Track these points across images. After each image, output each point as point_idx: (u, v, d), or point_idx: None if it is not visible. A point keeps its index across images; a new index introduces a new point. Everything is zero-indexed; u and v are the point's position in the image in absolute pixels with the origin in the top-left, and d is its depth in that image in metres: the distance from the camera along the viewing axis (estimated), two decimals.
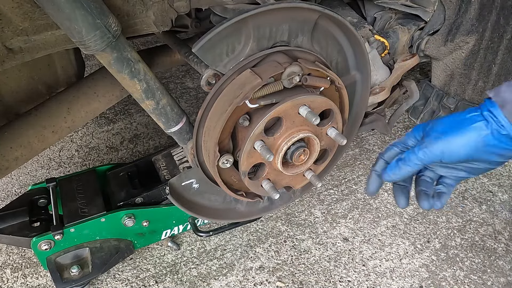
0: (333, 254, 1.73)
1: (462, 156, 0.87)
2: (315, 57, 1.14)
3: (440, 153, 0.88)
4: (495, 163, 0.89)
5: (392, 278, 1.65)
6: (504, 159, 0.87)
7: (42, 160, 2.15)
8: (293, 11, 1.05)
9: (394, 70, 1.47)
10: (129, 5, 1.02)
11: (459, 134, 0.86)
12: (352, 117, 1.38)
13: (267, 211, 1.49)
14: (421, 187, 0.99)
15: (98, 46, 0.93)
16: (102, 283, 1.61)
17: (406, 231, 1.84)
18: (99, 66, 1.23)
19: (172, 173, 1.58)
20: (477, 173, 0.94)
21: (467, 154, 0.86)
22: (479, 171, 0.93)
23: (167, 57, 1.52)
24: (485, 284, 1.65)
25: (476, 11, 1.37)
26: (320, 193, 1.99)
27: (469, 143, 0.85)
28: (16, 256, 1.70)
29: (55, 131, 1.23)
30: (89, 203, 1.48)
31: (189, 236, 1.78)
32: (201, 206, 1.35)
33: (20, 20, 0.91)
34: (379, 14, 1.54)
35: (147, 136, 2.31)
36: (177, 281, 1.62)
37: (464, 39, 1.42)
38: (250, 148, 1.07)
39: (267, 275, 1.65)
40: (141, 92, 1.08)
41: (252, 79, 1.02)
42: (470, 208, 1.95)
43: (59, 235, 1.38)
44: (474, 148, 0.85)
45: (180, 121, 1.18)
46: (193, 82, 2.72)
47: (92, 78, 1.32)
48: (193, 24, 1.41)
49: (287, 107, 1.05)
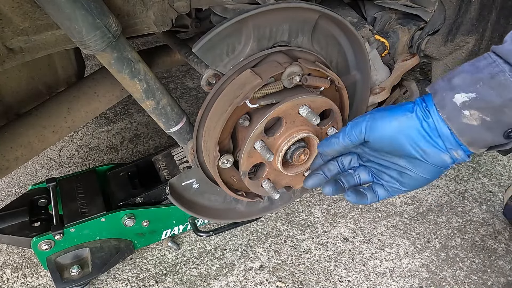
0: (333, 254, 1.73)
1: (385, 134, 0.84)
2: (315, 57, 1.14)
3: (365, 127, 0.86)
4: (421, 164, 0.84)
5: (392, 278, 1.65)
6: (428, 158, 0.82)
7: (42, 160, 2.15)
8: (293, 11, 1.05)
9: (394, 70, 1.47)
10: (129, 5, 1.02)
11: (387, 112, 0.85)
12: (352, 117, 1.39)
13: (267, 211, 1.49)
14: (341, 177, 0.96)
15: (98, 46, 0.93)
16: (102, 283, 1.61)
17: (406, 231, 1.84)
18: (99, 66, 1.23)
19: (172, 173, 1.58)
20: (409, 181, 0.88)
21: (390, 134, 0.84)
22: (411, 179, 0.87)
23: (167, 57, 1.52)
24: (485, 284, 1.65)
25: (476, 11, 1.37)
26: (320, 193, 1.99)
27: (392, 122, 0.83)
28: (16, 256, 1.70)
29: (55, 131, 1.23)
30: (89, 203, 1.48)
31: (189, 236, 1.78)
32: (201, 206, 1.35)
33: (21, 20, 0.91)
34: (379, 14, 1.54)
35: (147, 136, 2.31)
36: (177, 281, 1.62)
37: (464, 39, 1.42)
38: (250, 148, 1.07)
39: (267, 275, 1.65)
40: (141, 92, 1.08)
41: (252, 79, 1.02)
42: (470, 208, 1.95)
43: (59, 235, 1.38)
44: (397, 128, 0.83)
45: (180, 121, 1.18)
46: (193, 82, 2.72)
47: (93, 78, 1.32)
48: (193, 24, 1.41)
49: (287, 107, 1.05)
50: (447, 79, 0.78)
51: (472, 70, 0.75)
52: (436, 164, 0.83)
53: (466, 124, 0.76)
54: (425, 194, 2.01)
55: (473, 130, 0.76)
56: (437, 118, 0.80)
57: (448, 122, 0.78)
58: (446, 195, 2.01)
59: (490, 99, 0.72)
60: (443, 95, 0.78)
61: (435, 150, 0.81)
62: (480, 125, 0.75)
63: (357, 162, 0.98)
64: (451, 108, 0.77)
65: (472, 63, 0.76)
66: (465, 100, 0.74)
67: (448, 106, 0.77)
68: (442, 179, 2.09)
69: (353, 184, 0.97)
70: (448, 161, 0.82)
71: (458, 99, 0.75)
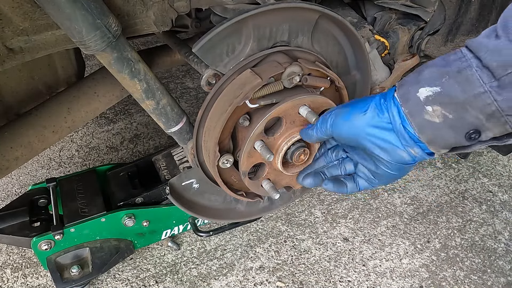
0: (333, 254, 1.73)
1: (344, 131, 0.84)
2: (315, 57, 1.14)
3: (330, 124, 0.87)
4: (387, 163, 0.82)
5: (392, 278, 1.65)
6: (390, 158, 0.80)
7: (42, 160, 2.15)
8: (293, 11, 1.05)
9: (394, 70, 1.47)
10: (129, 5, 1.02)
11: (346, 109, 0.84)
12: None
13: (267, 211, 1.49)
14: (325, 169, 0.99)
15: (98, 46, 0.93)
16: (102, 283, 1.61)
17: (406, 231, 1.84)
18: (99, 66, 1.23)
19: (172, 173, 1.58)
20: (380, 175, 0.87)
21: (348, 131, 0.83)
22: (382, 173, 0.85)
23: (167, 57, 1.52)
24: (485, 284, 1.65)
25: (476, 11, 1.37)
26: (320, 193, 1.99)
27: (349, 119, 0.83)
28: (16, 256, 1.70)
29: (55, 131, 1.23)
30: (89, 203, 1.48)
31: (189, 236, 1.78)
32: (201, 206, 1.35)
33: (21, 20, 0.91)
34: (379, 14, 1.54)
35: (147, 136, 2.31)
36: (177, 281, 1.62)
37: (464, 39, 1.42)
38: (250, 148, 1.07)
39: (267, 275, 1.65)
40: (141, 92, 1.08)
41: (252, 79, 1.02)
42: (470, 208, 1.95)
43: (59, 235, 1.38)
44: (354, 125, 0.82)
45: (180, 121, 1.18)
46: (193, 82, 2.72)
47: (93, 78, 1.32)
48: (193, 24, 1.41)
49: (287, 107, 1.05)
50: (417, 72, 0.75)
51: (442, 64, 0.71)
52: (395, 161, 0.80)
53: (427, 120, 0.73)
54: (425, 194, 2.01)
55: (434, 127, 0.73)
56: (393, 113, 0.77)
57: (410, 118, 0.75)
58: (446, 195, 2.01)
59: (455, 94, 0.68)
60: (409, 89, 0.75)
61: (390, 146, 0.79)
62: (442, 123, 0.72)
63: (343, 153, 0.99)
64: (414, 103, 0.73)
65: (443, 57, 0.72)
66: (429, 95, 0.71)
67: (412, 100, 0.74)
68: (442, 179, 2.09)
69: (335, 174, 0.98)
70: (406, 158, 0.79)
71: (422, 93, 0.72)
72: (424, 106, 0.72)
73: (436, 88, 0.70)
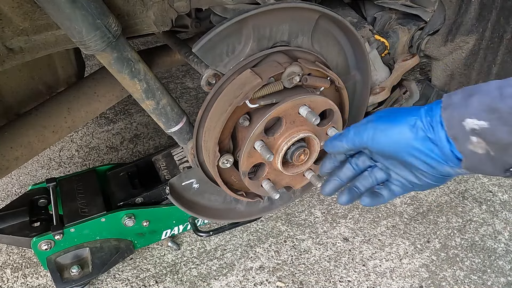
0: (333, 254, 1.73)
1: (386, 147, 0.82)
2: (315, 57, 1.14)
3: (367, 137, 0.83)
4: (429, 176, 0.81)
5: (392, 278, 1.65)
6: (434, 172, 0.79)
7: (42, 160, 2.15)
8: (293, 11, 1.05)
9: (394, 70, 1.47)
10: (129, 5, 1.02)
11: (389, 123, 0.81)
12: (352, 117, 1.39)
13: (267, 211, 1.49)
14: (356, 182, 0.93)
15: (98, 46, 0.93)
16: (102, 283, 1.61)
17: (406, 231, 1.84)
18: (99, 66, 1.23)
19: (172, 173, 1.58)
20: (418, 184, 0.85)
21: (390, 147, 0.81)
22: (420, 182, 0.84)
23: (167, 57, 1.52)
24: (485, 284, 1.65)
25: (476, 11, 1.37)
26: (320, 193, 1.99)
27: (393, 135, 0.80)
28: (16, 256, 1.70)
29: (55, 131, 1.24)
30: (89, 203, 1.48)
31: (189, 236, 1.78)
32: (201, 206, 1.35)
33: (21, 20, 0.91)
34: (379, 14, 1.54)
35: (147, 136, 2.31)
36: (177, 281, 1.62)
37: (464, 39, 1.42)
38: (250, 148, 1.07)
39: (267, 275, 1.65)
40: (141, 92, 1.08)
41: (252, 79, 1.02)
42: (470, 208, 1.95)
43: (59, 235, 1.38)
44: (396, 142, 0.79)
45: (180, 121, 1.18)
46: (193, 82, 2.72)
47: (93, 78, 1.32)
48: (193, 24, 1.41)
49: (287, 107, 1.05)
50: (466, 95, 0.72)
51: (495, 95, 0.68)
52: (439, 174, 0.80)
53: (471, 150, 0.71)
54: (425, 194, 2.01)
55: (477, 157, 0.71)
56: (441, 136, 0.75)
57: (455, 143, 0.73)
58: (446, 195, 2.01)
59: (501, 136, 0.66)
60: (453, 115, 0.72)
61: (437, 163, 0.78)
62: (484, 155, 0.70)
63: (370, 161, 0.94)
64: (459, 130, 0.71)
65: (500, 86, 0.68)
66: (475, 128, 0.69)
67: (456, 128, 0.72)
68: None
69: (369, 186, 0.93)
70: (451, 172, 0.79)
71: (469, 123, 0.69)
72: (470, 136, 0.70)
73: (483, 122, 0.68)
